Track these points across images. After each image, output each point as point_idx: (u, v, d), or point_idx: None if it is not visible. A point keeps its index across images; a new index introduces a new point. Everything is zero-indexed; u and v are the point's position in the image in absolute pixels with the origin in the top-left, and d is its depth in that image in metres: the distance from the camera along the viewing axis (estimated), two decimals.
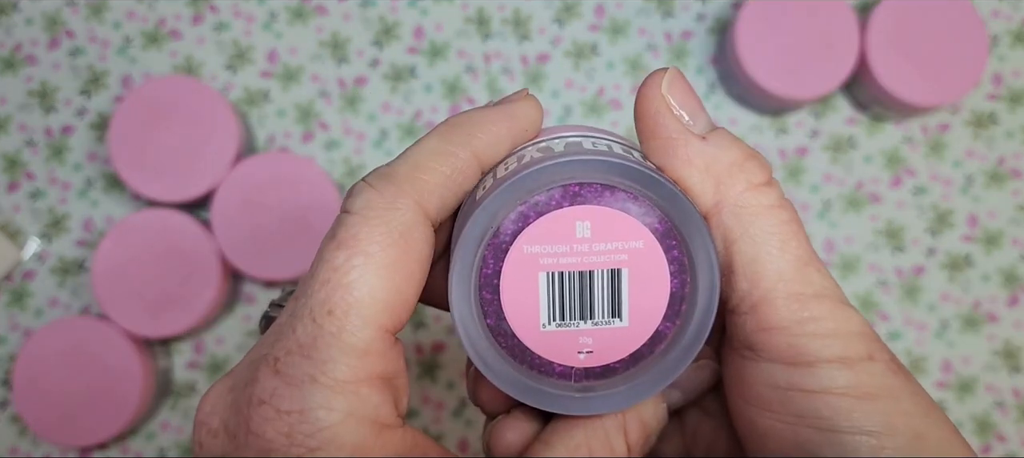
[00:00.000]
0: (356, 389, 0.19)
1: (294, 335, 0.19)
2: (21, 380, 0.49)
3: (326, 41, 0.56)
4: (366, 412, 0.19)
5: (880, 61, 0.52)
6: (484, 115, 0.22)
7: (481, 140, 0.22)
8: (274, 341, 0.19)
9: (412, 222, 0.20)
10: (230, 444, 0.19)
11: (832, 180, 0.56)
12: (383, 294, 0.19)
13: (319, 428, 0.18)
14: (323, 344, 0.19)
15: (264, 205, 0.50)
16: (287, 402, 0.18)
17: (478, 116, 0.22)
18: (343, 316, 0.19)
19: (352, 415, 0.19)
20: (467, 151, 0.21)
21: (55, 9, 0.55)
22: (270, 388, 0.19)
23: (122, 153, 0.50)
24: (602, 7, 0.56)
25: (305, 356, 0.19)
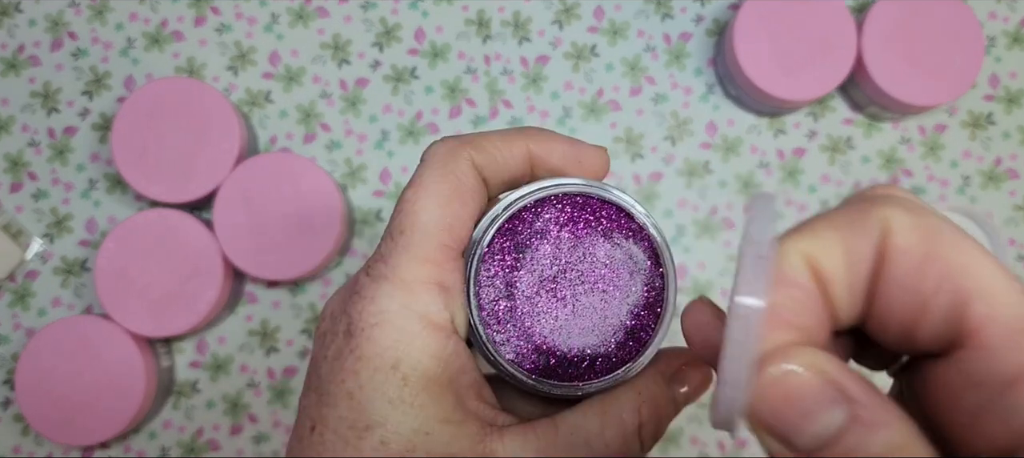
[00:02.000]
0: (415, 288, 0.24)
1: (380, 250, 0.25)
2: (24, 380, 0.50)
3: (327, 43, 0.56)
4: (419, 308, 0.24)
5: (877, 62, 0.52)
6: (554, 134, 0.27)
7: (540, 144, 0.27)
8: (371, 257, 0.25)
9: (466, 168, 0.25)
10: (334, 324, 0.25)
11: (830, 181, 0.56)
12: (441, 218, 0.25)
13: (380, 310, 0.24)
14: (396, 253, 0.24)
15: (266, 206, 0.51)
16: (367, 291, 0.24)
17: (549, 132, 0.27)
18: (411, 233, 0.24)
19: (408, 308, 0.24)
20: (524, 144, 0.27)
21: (58, 10, 0.56)
22: (362, 283, 0.25)
23: (124, 154, 0.51)
24: (601, 9, 0.57)
25: (384, 262, 0.25)
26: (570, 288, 0.26)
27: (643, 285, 0.27)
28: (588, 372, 0.26)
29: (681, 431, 0.55)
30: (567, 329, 0.26)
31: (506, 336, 0.26)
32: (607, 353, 0.26)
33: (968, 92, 0.56)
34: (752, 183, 0.56)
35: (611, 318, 0.26)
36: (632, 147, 0.56)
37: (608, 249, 0.26)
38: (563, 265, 0.26)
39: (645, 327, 0.26)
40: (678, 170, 0.56)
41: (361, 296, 0.24)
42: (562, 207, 0.26)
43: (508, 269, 0.26)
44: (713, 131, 0.56)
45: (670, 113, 0.56)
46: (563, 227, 0.26)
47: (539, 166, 0.27)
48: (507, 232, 0.26)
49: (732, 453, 0.55)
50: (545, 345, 0.26)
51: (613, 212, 0.27)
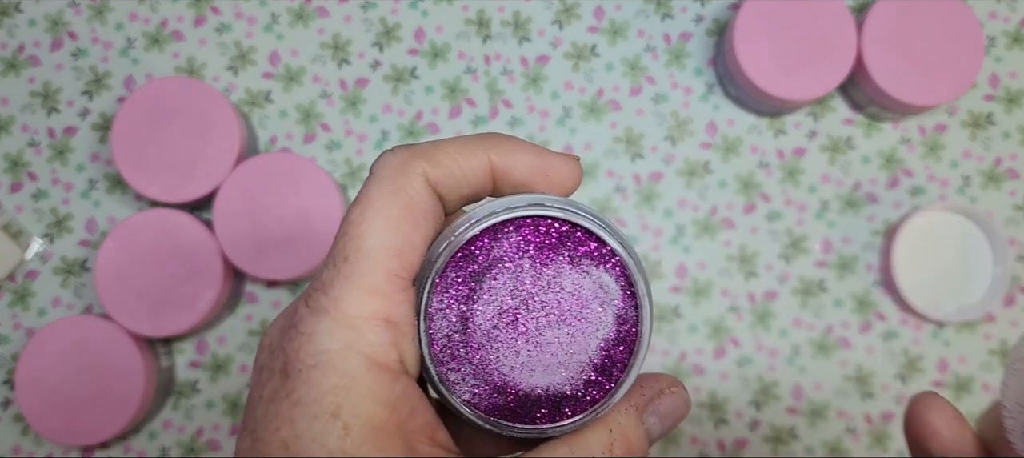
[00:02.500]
0: (358, 325, 0.22)
1: (321, 277, 0.23)
2: (24, 380, 0.50)
3: (327, 43, 0.56)
4: (363, 347, 0.22)
5: (877, 62, 0.52)
6: (520, 142, 0.25)
7: (503, 155, 0.24)
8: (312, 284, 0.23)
9: (419, 185, 0.23)
10: (271, 358, 0.23)
11: (830, 181, 0.56)
12: (390, 242, 0.22)
13: (319, 350, 0.22)
14: (338, 283, 0.22)
15: (266, 205, 0.51)
16: (305, 325, 0.22)
17: (513, 140, 0.25)
18: (355, 261, 0.22)
19: (350, 348, 0.22)
20: (485, 154, 0.24)
21: (58, 10, 0.56)
22: (300, 315, 0.22)
23: (124, 154, 0.51)
24: (601, 9, 0.57)
25: (324, 293, 0.22)
26: (533, 321, 0.24)
27: (615, 318, 0.24)
28: (553, 414, 0.24)
29: (681, 431, 0.55)
30: (529, 366, 0.24)
31: (461, 374, 0.24)
32: (574, 393, 0.24)
33: (968, 92, 0.56)
34: (752, 183, 0.56)
35: (579, 354, 0.24)
36: (632, 147, 0.56)
37: (575, 278, 0.24)
38: (525, 296, 0.24)
39: (617, 363, 0.24)
40: (678, 170, 0.56)
41: (299, 331, 0.22)
42: (524, 231, 0.24)
43: (463, 300, 0.24)
44: (713, 131, 0.56)
45: (670, 113, 0.56)
46: (525, 253, 0.24)
47: (502, 180, 0.25)
48: (462, 259, 0.24)
49: (732, 453, 0.55)
50: (505, 384, 0.24)
51: (582, 236, 0.24)
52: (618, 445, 0.24)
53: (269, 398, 0.22)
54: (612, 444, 0.24)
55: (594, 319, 0.24)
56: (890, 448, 0.55)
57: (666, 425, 0.25)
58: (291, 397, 0.22)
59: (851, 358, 0.55)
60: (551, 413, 0.24)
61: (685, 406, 0.26)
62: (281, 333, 0.23)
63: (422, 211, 0.23)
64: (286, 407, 0.22)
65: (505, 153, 0.24)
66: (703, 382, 0.55)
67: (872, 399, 0.55)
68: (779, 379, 0.55)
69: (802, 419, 0.55)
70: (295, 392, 0.22)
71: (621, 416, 0.24)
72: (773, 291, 0.56)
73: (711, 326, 0.55)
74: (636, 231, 0.56)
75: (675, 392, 0.25)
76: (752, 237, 0.56)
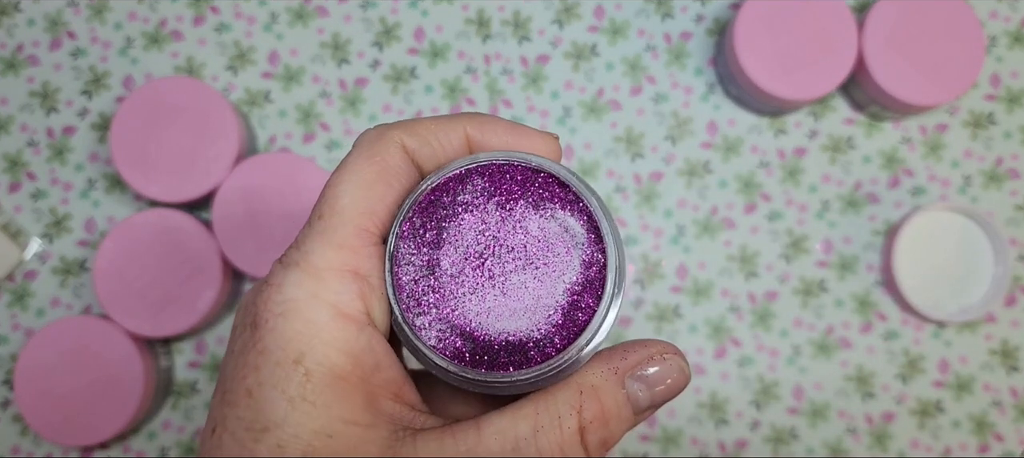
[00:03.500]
0: (325, 276, 0.22)
1: (297, 237, 0.23)
2: (23, 380, 0.50)
3: (327, 42, 0.56)
4: (328, 296, 0.22)
5: (878, 61, 0.52)
6: (497, 119, 0.25)
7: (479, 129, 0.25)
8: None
9: (394, 151, 0.24)
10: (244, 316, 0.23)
11: (831, 180, 0.56)
12: (363, 201, 0.23)
13: (286, 299, 0.22)
14: (309, 238, 0.23)
15: (265, 205, 0.51)
16: (275, 277, 0.23)
17: (490, 117, 0.25)
18: (328, 219, 0.23)
19: (316, 296, 0.22)
20: (461, 129, 0.25)
21: (57, 10, 0.56)
22: (272, 270, 0.23)
23: (123, 153, 0.51)
24: (601, 8, 0.56)
25: (297, 247, 0.23)
26: (499, 265, 0.24)
27: (581, 262, 0.24)
28: (520, 360, 0.23)
29: (681, 431, 0.54)
30: (496, 311, 0.23)
31: (427, 320, 0.23)
32: (542, 338, 0.23)
33: (969, 92, 0.56)
34: (753, 183, 0.56)
35: (545, 299, 0.23)
36: (632, 147, 0.56)
37: (541, 221, 0.24)
38: (490, 240, 0.24)
39: (585, 309, 0.23)
40: (678, 170, 0.56)
41: (268, 284, 0.23)
42: (489, 177, 0.24)
43: (429, 246, 0.24)
44: (713, 131, 0.56)
45: (670, 113, 0.56)
46: (490, 198, 0.24)
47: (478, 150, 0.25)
48: (428, 206, 0.24)
49: (733, 453, 0.55)
50: (471, 329, 0.23)
51: (546, 181, 0.24)
52: (588, 407, 0.23)
53: (239, 350, 0.22)
54: (581, 405, 0.23)
55: (560, 263, 0.24)
56: (891, 448, 0.55)
57: (657, 395, 0.24)
58: (257, 346, 0.22)
59: (852, 358, 0.55)
60: (518, 360, 0.23)
61: (682, 376, 0.24)
62: (255, 291, 0.23)
63: (395, 174, 0.24)
64: (253, 356, 0.22)
65: (481, 128, 0.25)
66: (704, 382, 0.55)
67: (873, 399, 0.55)
68: (780, 379, 0.55)
69: (803, 419, 0.55)
70: (261, 341, 0.22)
71: (594, 377, 0.23)
72: (774, 291, 0.55)
73: (712, 326, 0.55)
74: (636, 231, 0.55)
75: (668, 359, 0.24)
76: (753, 237, 0.56)
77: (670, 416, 0.55)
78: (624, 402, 0.23)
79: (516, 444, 0.22)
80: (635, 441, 0.54)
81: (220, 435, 0.22)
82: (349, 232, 0.23)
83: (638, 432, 0.54)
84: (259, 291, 0.23)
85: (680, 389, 0.24)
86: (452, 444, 0.22)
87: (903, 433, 0.55)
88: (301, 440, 0.21)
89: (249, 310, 0.23)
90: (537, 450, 0.22)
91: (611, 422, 0.23)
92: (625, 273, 0.24)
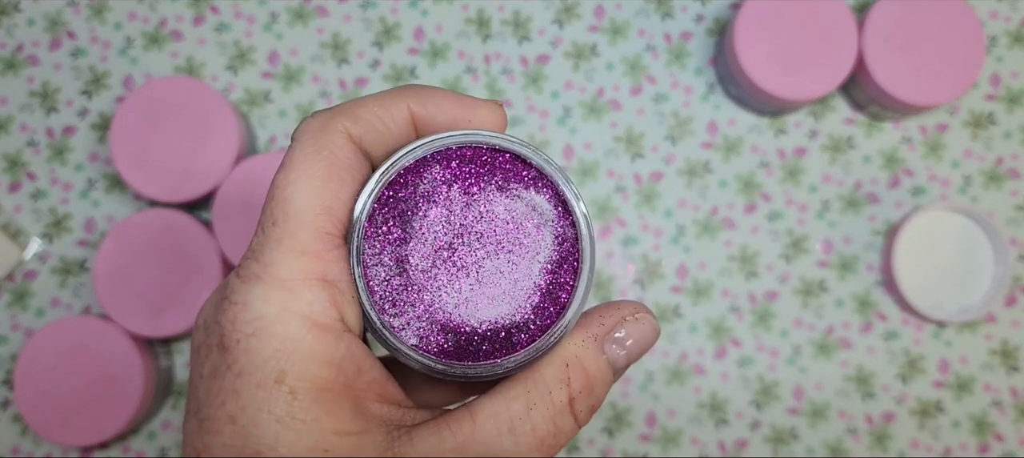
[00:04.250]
0: (294, 286, 0.21)
1: (251, 246, 0.22)
2: (23, 380, 0.50)
3: (327, 42, 0.56)
4: (300, 308, 0.21)
5: (878, 61, 0.52)
6: (440, 90, 0.24)
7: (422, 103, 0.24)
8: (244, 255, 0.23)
9: (341, 142, 0.23)
10: (207, 336, 0.22)
11: (831, 180, 0.56)
12: (318, 200, 0.22)
13: (255, 317, 0.21)
14: (268, 248, 0.22)
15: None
16: (237, 295, 0.21)
17: (433, 89, 0.24)
18: (284, 223, 0.22)
19: (287, 310, 0.21)
20: (404, 104, 0.24)
21: (57, 10, 0.56)
22: (232, 286, 0.22)
23: (123, 153, 0.51)
24: (602, 8, 0.56)
25: (255, 260, 0.22)
26: (470, 254, 0.23)
27: (553, 238, 0.23)
28: (505, 347, 0.23)
29: (681, 431, 0.54)
30: (474, 301, 0.23)
31: (405, 320, 0.23)
32: (524, 321, 0.23)
33: (969, 92, 0.56)
34: (753, 183, 0.56)
35: (522, 281, 0.23)
36: (632, 147, 0.56)
37: (507, 203, 0.23)
38: (458, 229, 0.23)
39: (563, 286, 0.23)
40: (679, 170, 0.56)
41: (231, 302, 0.21)
42: (447, 163, 0.23)
43: (396, 243, 0.23)
44: (714, 131, 0.56)
45: (671, 113, 0.56)
46: (452, 185, 0.23)
47: (424, 129, 0.24)
48: (388, 201, 0.23)
49: (733, 453, 0.55)
50: (451, 323, 0.23)
51: (507, 161, 0.23)
52: (576, 378, 0.23)
53: (210, 374, 0.21)
54: (569, 378, 0.23)
55: (532, 243, 0.23)
56: (891, 448, 0.55)
57: (632, 354, 0.24)
58: (232, 369, 0.21)
59: (852, 358, 0.55)
60: (503, 346, 0.23)
61: (652, 332, 0.25)
62: (215, 308, 0.22)
63: (347, 167, 0.23)
64: (229, 379, 0.21)
65: (424, 101, 0.24)
66: (704, 382, 0.55)
67: (873, 399, 0.55)
68: (780, 379, 0.55)
69: (803, 419, 0.55)
70: (236, 363, 0.21)
71: (577, 347, 0.23)
72: (774, 291, 0.55)
73: (712, 326, 0.55)
74: (636, 231, 0.55)
75: (639, 318, 0.24)
76: (753, 237, 0.56)
77: (670, 416, 0.55)
78: (606, 367, 0.24)
79: (511, 424, 0.22)
80: (635, 441, 0.54)
81: None
82: (309, 236, 0.22)
83: (638, 432, 0.54)
84: (222, 310, 0.22)
85: (652, 344, 0.25)
86: (449, 435, 0.22)
87: (903, 433, 0.55)
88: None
89: (213, 330, 0.22)
90: (532, 426, 0.22)
91: (596, 387, 0.24)
92: (595, 241, 0.24)
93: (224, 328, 0.21)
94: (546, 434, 0.23)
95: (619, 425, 0.54)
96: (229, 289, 0.22)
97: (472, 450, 0.22)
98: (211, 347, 0.22)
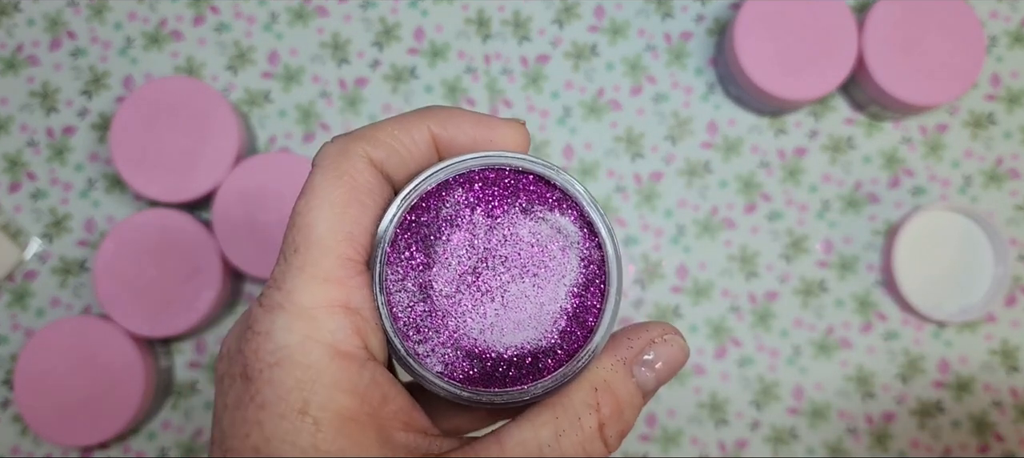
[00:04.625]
0: (316, 315, 0.21)
1: (273, 274, 0.22)
2: (23, 380, 0.49)
3: (327, 42, 0.56)
4: (323, 337, 0.21)
5: (878, 61, 0.52)
6: (461, 111, 0.24)
7: (443, 125, 0.24)
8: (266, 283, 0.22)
9: (362, 167, 0.22)
10: (230, 365, 0.22)
11: (831, 180, 0.56)
12: (339, 227, 0.22)
13: (278, 346, 0.21)
14: (290, 276, 0.21)
15: (265, 205, 0.51)
16: (260, 325, 0.21)
17: (454, 110, 0.24)
18: (306, 251, 0.22)
19: (310, 338, 0.21)
20: (425, 127, 0.24)
21: (57, 10, 0.55)
22: (255, 316, 0.22)
23: (123, 153, 0.51)
24: (602, 8, 0.56)
25: (277, 288, 0.22)
26: (495, 278, 0.23)
27: (579, 260, 0.23)
28: (532, 372, 0.23)
29: (681, 432, 0.54)
30: (499, 326, 0.23)
31: (430, 346, 0.23)
32: (551, 346, 0.23)
33: (969, 91, 0.56)
34: (753, 183, 0.56)
35: (548, 305, 0.23)
36: (632, 147, 0.56)
37: (531, 226, 0.23)
38: (482, 253, 0.23)
39: (590, 309, 0.23)
40: (679, 170, 0.56)
41: (255, 332, 0.21)
42: (469, 186, 0.23)
43: (419, 268, 0.23)
44: (714, 131, 0.56)
45: (671, 113, 0.56)
46: (475, 209, 0.23)
47: (446, 151, 0.24)
48: (411, 225, 0.23)
49: (733, 453, 0.55)
50: (476, 349, 0.23)
51: (530, 182, 0.23)
52: (605, 403, 0.23)
53: (234, 405, 0.21)
54: (598, 403, 0.23)
55: (558, 266, 0.23)
56: (891, 448, 0.55)
57: (662, 376, 0.24)
58: (256, 400, 0.21)
59: (852, 358, 0.55)
60: (530, 372, 0.23)
61: (682, 354, 0.24)
62: (238, 338, 0.22)
63: (368, 192, 0.22)
64: (252, 410, 0.21)
65: (445, 123, 0.24)
66: (704, 382, 0.55)
67: (873, 399, 0.55)
68: (780, 379, 0.55)
69: (803, 419, 0.55)
70: (259, 394, 0.21)
71: (606, 371, 0.23)
72: (774, 291, 0.55)
73: (712, 326, 0.55)
74: (636, 231, 0.55)
75: (668, 340, 0.24)
76: (753, 237, 0.56)
77: (670, 416, 0.55)
78: (635, 390, 0.23)
79: (540, 452, 0.22)
80: (635, 441, 0.54)
81: None
82: (332, 263, 0.21)
83: (638, 432, 0.54)
84: (245, 340, 0.21)
85: (681, 365, 0.24)
86: None
87: (903, 433, 0.55)
88: None
89: (236, 360, 0.22)
90: (562, 453, 0.22)
91: (626, 412, 0.23)
92: (622, 262, 0.24)
93: (247, 358, 0.21)
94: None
95: None
96: (252, 318, 0.22)
97: None
98: (235, 377, 0.21)
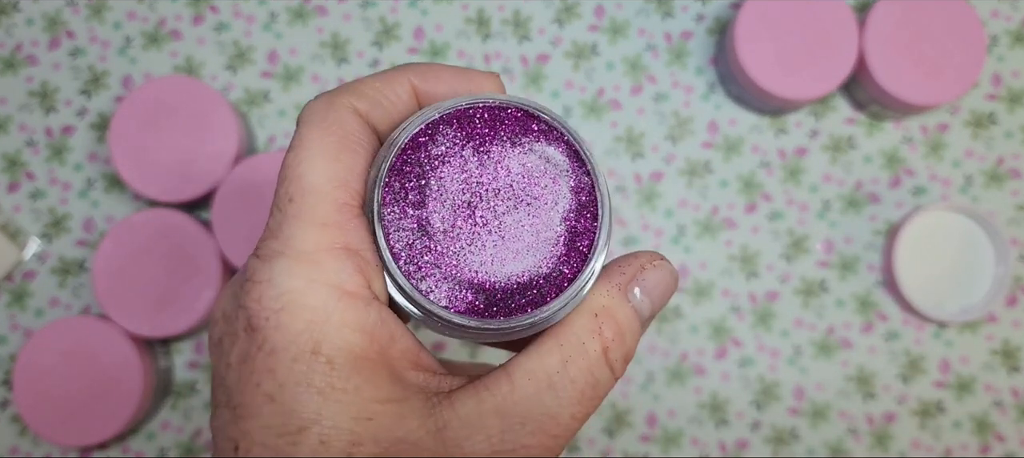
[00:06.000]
0: (318, 258, 0.21)
1: (268, 226, 0.22)
2: (22, 380, 0.49)
3: (326, 41, 0.56)
4: (327, 278, 0.21)
5: (879, 61, 0.52)
6: (440, 65, 0.25)
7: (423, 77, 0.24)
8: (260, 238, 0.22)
9: (348, 117, 0.23)
10: (229, 324, 0.22)
11: (831, 180, 0.56)
12: (334, 173, 0.22)
13: (282, 292, 0.21)
14: (287, 224, 0.21)
15: (264, 205, 0.51)
16: (260, 273, 0.21)
17: (433, 64, 0.25)
18: (301, 199, 0.22)
19: (315, 281, 0.21)
20: (407, 80, 0.24)
21: (56, 9, 0.55)
22: (252, 268, 0.21)
23: (122, 153, 0.50)
24: (602, 8, 0.56)
25: (274, 237, 0.21)
26: (491, 210, 0.23)
27: (570, 188, 0.24)
28: (536, 298, 0.23)
29: (682, 432, 0.54)
30: (500, 256, 0.23)
31: (433, 281, 0.23)
32: (552, 271, 0.23)
33: (970, 91, 0.56)
34: (753, 183, 0.56)
35: (545, 232, 0.23)
36: (633, 146, 0.56)
37: (521, 157, 0.24)
38: (475, 187, 0.23)
39: (585, 232, 0.24)
40: (679, 169, 0.56)
41: (255, 281, 0.21)
42: (458, 126, 0.24)
43: (415, 207, 0.23)
44: (714, 130, 0.56)
45: (671, 112, 0.56)
46: (465, 145, 0.24)
47: (427, 102, 0.25)
48: (403, 166, 0.23)
49: (733, 454, 0.54)
50: (479, 280, 0.23)
51: (515, 118, 0.24)
52: (607, 327, 0.23)
53: (239, 360, 0.21)
54: (600, 327, 0.23)
55: (550, 194, 0.24)
56: (891, 449, 0.55)
57: (656, 300, 0.25)
58: (264, 348, 0.20)
59: (853, 358, 0.55)
60: (534, 298, 0.23)
61: (672, 278, 0.25)
62: (234, 297, 0.22)
63: (357, 140, 0.23)
64: (261, 359, 0.20)
65: (425, 76, 0.24)
66: (704, 383, 0.55)
67: (874, 400, 0.55)
68: (780, 380, 0.55)
69: (803, 420, 0.55)
70: (267, 342, 0.20)
71: (603, 298, 0.24)
72: (774, 291, 0.55)
73: (712, 326, 0.55)
74: (637, 231, 0.55)
75: (657, 265, 0.25)
76: (753, 237, 0.55)
77: (671, 416, 0.55)
78: (633, 314, 0.24)
79: (550, 380, 0.22)
80: (635, 442, 0.54)
81: (247, 449, 0.20)
82: (329, 208, 0.22)
83: (638, 432, 0.54)
84: (244, 292, 0.21)
85: (673, 291, 0.25)
86: (488, 396, 0.22)
87: (904, 433, 0.55)
88: (342, 430, 0.20)
89: (236, 316, 0.21)
90: (570, 379, 0.22)
91: (627, 336, 0.24)
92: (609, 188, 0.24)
93: (250, 309, 0.21)
94: (585, 386, 0.23)
95: (619, 425, 0.54)
96: (250, 270, 0.21)
97: (513, 409, 0.22)
98: (237, 333, 0.21)
